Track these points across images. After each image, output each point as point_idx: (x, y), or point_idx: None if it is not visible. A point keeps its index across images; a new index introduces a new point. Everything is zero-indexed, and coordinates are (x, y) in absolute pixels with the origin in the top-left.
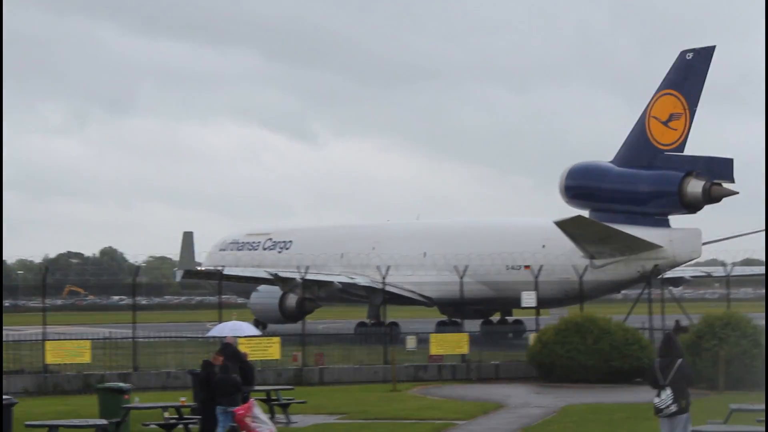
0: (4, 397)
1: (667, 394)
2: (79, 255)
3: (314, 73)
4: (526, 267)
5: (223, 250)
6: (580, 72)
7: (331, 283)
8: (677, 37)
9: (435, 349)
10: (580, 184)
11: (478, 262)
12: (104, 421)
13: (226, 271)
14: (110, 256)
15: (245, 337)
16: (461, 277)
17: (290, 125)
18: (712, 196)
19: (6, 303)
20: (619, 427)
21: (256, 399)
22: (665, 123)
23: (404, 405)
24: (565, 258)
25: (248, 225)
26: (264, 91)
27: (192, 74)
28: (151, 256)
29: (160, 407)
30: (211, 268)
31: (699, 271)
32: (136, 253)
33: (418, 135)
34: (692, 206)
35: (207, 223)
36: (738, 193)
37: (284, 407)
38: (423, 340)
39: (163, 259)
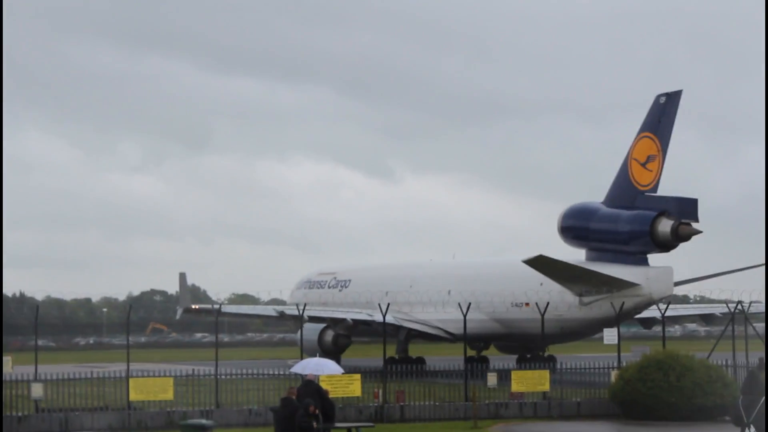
0: None
1: (751, 431)
2: (162, 293)
3: (388, 108)
4: (526, 305)
5: (299, 288)
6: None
7: (344, 320)
8: (752, 71)
9: (516, 386)
10: (573, 225)
11: (487, 299)
12: None
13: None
14: (193, 294)
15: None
16: (464, 315)
17: (366, 161)
18: (680, 235)
19: (90, 340)
20: None
21: None
22: (643, 165)
23: None
24: (559, 295)
25: (327, 262)
26: (338, 127)
27: (266, 110)
28: (233, 294)
29: None
30: (288, 306)
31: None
32: (218, 291)
33: (495, 171)
34: (664, 245)
35: (287, 259)
36: (701, 232)
37: None
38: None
39: (245, 297)
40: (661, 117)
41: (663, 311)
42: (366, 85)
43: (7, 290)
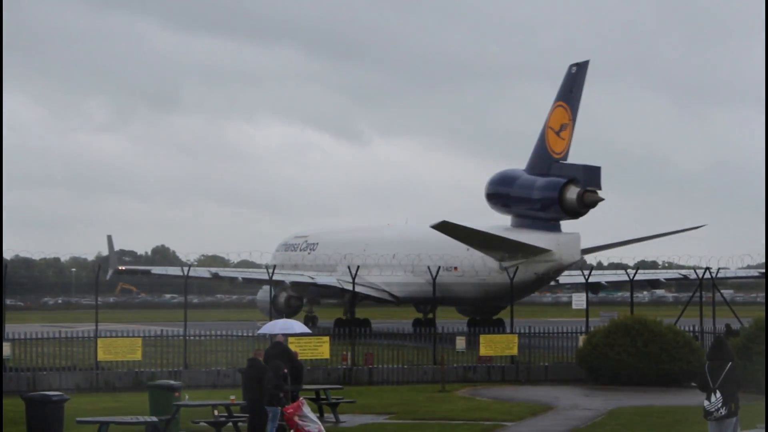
0: (55, 393)
1: (716, 397)
2: (131, 253)
3: (357, 70)
4: (455, 269)
5: (278, 251)
6: (627, 71)
7: (282, 282)
8: (723, 35)
9: (484, 350)
10: (496, 192)
11: (424, 264)
12: (154, 419)
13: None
14: (162, 254)
15: (295, 335)
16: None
17: (334, 123)
18: (585, 203)
19: (59, 300)
20: (668, 431)
21: (305, 398)
22: (557, 133)
23: (453, 406)
24: (481, 261)
25: (296, 225)
26: (307, 88)
27: (233, 71)
28: (203, 255)
29: (210, 405)
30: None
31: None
32: (188, 252)
33: (464, 135)
34: (572, 212)
35: (256, 221)
36: (603, 199)
37: (333, 406)
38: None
39: (215, 258)
40: (572, 87)
41: (632, 276)
42: (334, 47)
43: None
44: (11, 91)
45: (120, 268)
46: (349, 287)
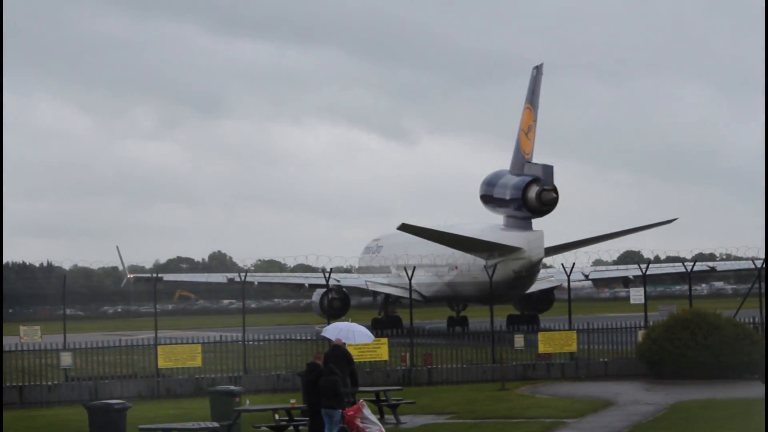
0: (117, 401)
1: None
2: (189, 260)
3: (401, 69)
4: (456, 268)
5: (362, 253)
6: (675, 63)
7: (302, 285)
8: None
9: (543, 347)
10: (484, 193)
11: (436, 264)
12: (216, 424)
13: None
14: (219, 260)
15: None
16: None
17: (381, 123)
18: (543, 201)
19: (118, 309)
20: (730, 424)
21: (365, 400)
22: (526, 134)
23: (513, 404)
24: (473, 260)
25: (349, 227)
26: (351, 89)
27: (278, 73)
28: (259, 260)
29: (271, 409)
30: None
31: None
32: (244, 257)
33: (511, 132)
34: (535, 210)
35: (308, 224)
36: (554, 196)
37: (393, 408)
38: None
39: (271, 263)
40: (534, 88)
41: (690, 269)
42: (377, 46)
43: (34, 260)
44: (58, 101)
45: (129, 276)
46: (378, 288)
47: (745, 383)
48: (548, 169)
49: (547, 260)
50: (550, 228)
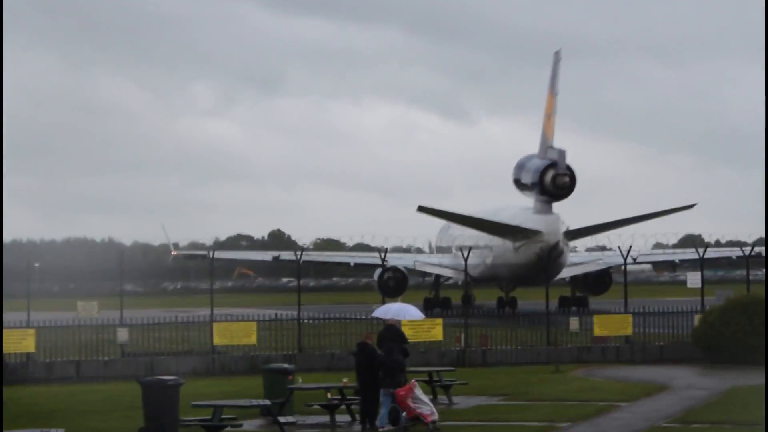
0: (171, 377)
1: None
2: (248, 238)
3: (460, 49)
4: (491, 250)
5: (439, 233)
6: (736, 44)
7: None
8: None
9: (599, 330)
10: (515, 177)
11: (478, 245)
12: (268, 402)
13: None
14: (279, 238)
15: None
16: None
17: (440, 103)
18: (557, 185)
19: (178, 285)
20: None
21: (418, 380)
22: (549, 119)
23: (567, 386)
24: (502, 243)
25: (406, 207)
26: (410, 68)
27: (337, 51)
28: (318, 239)
29: (324, 388)
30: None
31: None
32: (303, 236)
33: (571, 112)
34: (552, 194)
35: (367, 203)
36: (567, 180)
37: (446, 389)
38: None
39: (330, 241)
40: (553, 75)
41: (748, 253)
42: (436, 25)
43: (95, 236)
44: (118, 77)
45: (173, 253)
46: (427, 269)
47: None
48: (562, 154)
49: (605, 243)
50: (606, 210)
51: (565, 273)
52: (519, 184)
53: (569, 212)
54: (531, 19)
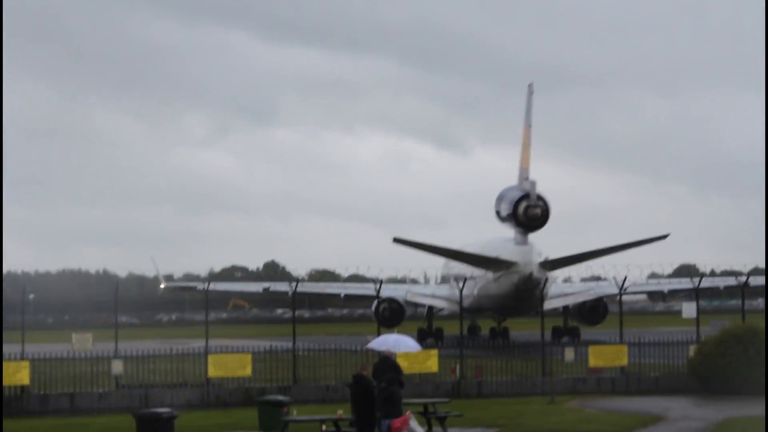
0: (165, 410)
1: None
2: (243, 269)
3: (452, 79)
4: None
5: (446, 262)
6: (730, 73)
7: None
8: None
9: (594, 360)
10: (496, 209)
11: (460, 276)
12: None
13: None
14: (273, 269)
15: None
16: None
17: (433, 133)
18: (528, 216)
19: (173, 317)
20: None
21: (413, 412)
22: (525, 150)
23: (562, 417)
24: (483, 274)
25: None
26: (403, 98)
27: (329, 81)
28: (313, 269)
29: (319, 420)
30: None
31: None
32: (297, 266)
33: (565, 142)
34: (525, 226)
35: (362, 234)
36: (538, 212)
37: (441, 420)
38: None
39: (325, 272)
40: (528, 107)
41: (743, 284)
42: (428, 55)
43: (91, 267)
44: (111, 108)
45: (163, 285)
46: (418, 300)
47: None
48: (533, 185)
49: (600, 273)
50: (601, 240)
51: (557, 303)
52: (498, 215)
53: (564, 242)
54: (525, 49)
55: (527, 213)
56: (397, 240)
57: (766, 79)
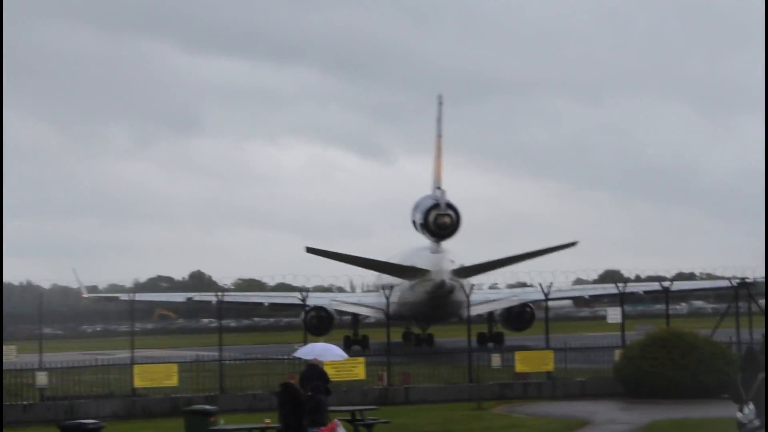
0: (91, 421)
1: (750, 408)
2: (169, 279)
3: (376, 88)
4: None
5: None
6: (651, 81)
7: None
8: (744, 42)
9: (520, 366)
10: (412, 218)
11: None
12: None
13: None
14: (199, 279)
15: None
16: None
17: (357, 142)
18: (438, 225)
19: (98, 328)
20: None
21: (340, 419)
22: (437, 160)
23: (489, 423)
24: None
25: (328, 246)
26: (326, 107)
27: (253, 91)
28: (239, 279)
29: (245, 429)
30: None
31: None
32: (223, 276)
33: (489, 151)
34: (436, 234)
35: (287, 243)
36: (447, 220)
37: (369, 427)
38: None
39: (252, 282)
40: (438, 118)
41: (667, 288)
42: (352, 64)
43: (14, 279)
44: (31, 119)
45: (84, 296)
46: (342, 308)
47: (721, 403)
48: (442, 194)
49: (527, 280)
50: (526, 247)
51: (481, 309)
52: (414, 224)
53: (489, 249)
54: (448, 58)
55: (437, 221)
56: (310, 250)
57: (766, 92)
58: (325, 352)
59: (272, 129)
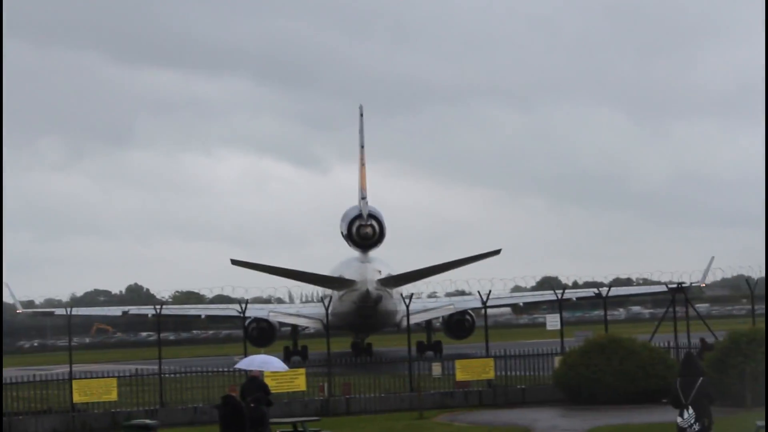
0: None
1: (689, 413)
2: (106, 293)
3: (310, 97)
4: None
5: None
6: (583, 87)
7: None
8: (675, 46)
9: (461, 374)
10: (341, 229)
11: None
12: None
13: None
14: (137, 292)
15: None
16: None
17: (292, 152)
18: (360, 235)
19: (35, 343)
20: None
21: (282, 431)
22: (361, 170)
23: None
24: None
25: (266, 257)
26: (259, 117)
27: (185, 102)
28: (177, 291)
29: None
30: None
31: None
32: (161, 289)
33: (423, 158)
34: (359, 244)
35: (224, 255)
36: (369, 231)
37: None
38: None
39: (190, 294)
40: (360, 128)
41: (605, 295)
42: (284, 74)
43: None
44: None
45: (18, 311)
46: (280, 319)
47: (661, 407)
48: (365, 205)
49: (465, 288)
50: (464, 253)
51: (419, 318)
52: (342, 235)
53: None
54: (381, 66)
55: (359, 232)
56: (235, 262)
57: (765, 96)
58: (266, 364)
59: (206, 139)
